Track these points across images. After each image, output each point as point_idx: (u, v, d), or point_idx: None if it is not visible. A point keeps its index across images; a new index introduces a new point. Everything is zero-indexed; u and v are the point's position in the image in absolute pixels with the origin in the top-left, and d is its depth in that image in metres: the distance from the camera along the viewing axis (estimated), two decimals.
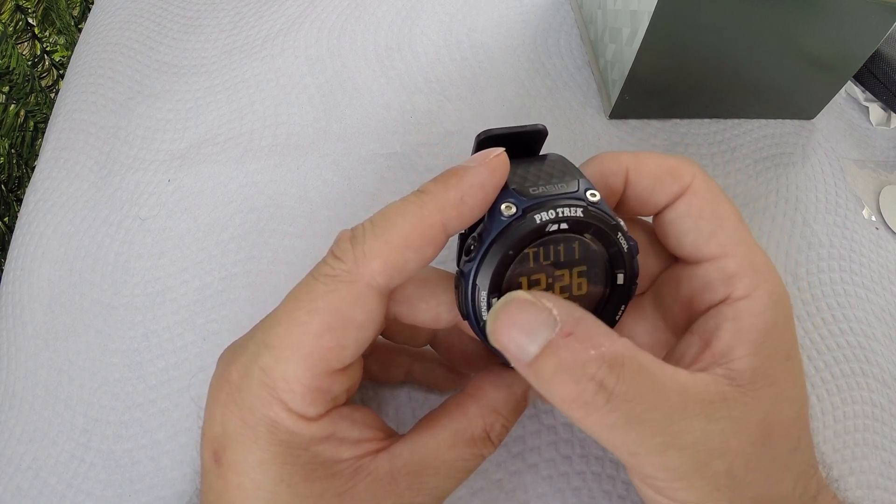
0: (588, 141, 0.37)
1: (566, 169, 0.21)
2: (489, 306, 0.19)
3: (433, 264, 0.22)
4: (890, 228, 0.37)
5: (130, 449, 0.29)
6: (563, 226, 0.19)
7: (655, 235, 0.23)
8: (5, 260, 0.36)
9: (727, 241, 0.21)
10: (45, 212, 0.36)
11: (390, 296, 0.21)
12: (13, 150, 0.51)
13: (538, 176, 0.21)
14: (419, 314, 0.21)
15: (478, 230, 0.20)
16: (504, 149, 0.20)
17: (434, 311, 0.21)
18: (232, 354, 0.21)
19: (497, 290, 0.20)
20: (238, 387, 0.19)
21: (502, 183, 0.20)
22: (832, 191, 0.37)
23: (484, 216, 0.20)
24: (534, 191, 0.20)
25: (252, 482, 0.19)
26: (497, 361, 0.22)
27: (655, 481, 0.19)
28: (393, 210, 0.19)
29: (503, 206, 0.20)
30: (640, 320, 0.24)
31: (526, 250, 0.20)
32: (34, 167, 0.39)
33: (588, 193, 0.20)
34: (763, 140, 0.38)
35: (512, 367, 0.21)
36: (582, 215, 0.20)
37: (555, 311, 0.18)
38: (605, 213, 0.20)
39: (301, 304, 0.19)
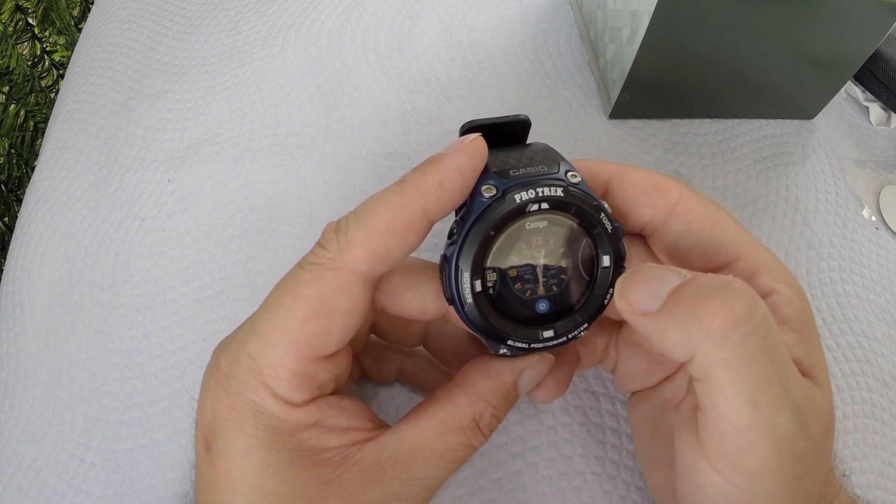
0: (588, 141, 0.37)
1: (548, 154, 0.22)
2: (472, 289, 0.20)
3: (424, 257, 0.21)
4: (890, 228, 0.37)
5: (130, 449, 0.29)
6: (544, 205, 0.20)
7: (651, 251, 0.23)
8: (5, 260, 0.36)
9: (733, 246, 0.21)
10: (45, 212, 0.36)
11: (377, 287, 0.21)
12: (13, 150, 0.51)
13: (520, 160, 0.21)
14: (405, 304, 0.22)
15: (460, 214, 0.21)
16: (479, 134, 0.20)
17: (420, 300, 0.21)
18: (223, 344, 0.21)
19: (480, 271, 0.20)
20: (227, 373, 0.20)
21: (481, 166, 0.20)
22: (832, 191, 0.37)
23: (466, 201, 0.20)
24: (514, 173, 0.20)
25: (239, 469, 0.19)
26: (487, 352, 0.22)
27: (744, 454, 0.18)
28: (374, 199, 0.20)
29: (483, 189, 0.20)
30: None
31: (508, 233, 0.20)
32: (34, 167, 0.39)
33: (569, 175, 0.20)
34: (763, 140, 0.38)
35: (500, 356, 0.21)
36: (562, 195, 0.20)
37: (683, 270, 0.19)
38: (587, 193, 0.20)
39: (287, 292, 0.20)
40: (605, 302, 0.21)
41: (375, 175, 0.35)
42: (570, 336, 0.21)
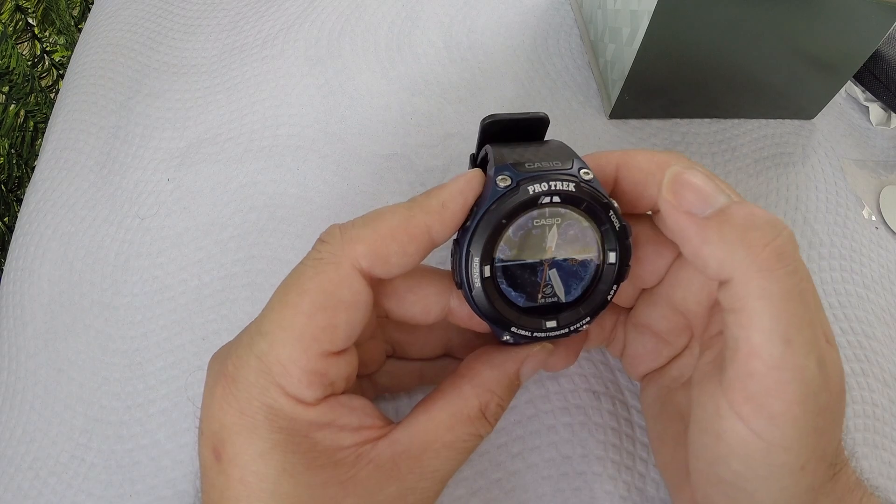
0: (588, 141, 0.37)
1: (564, 151, 0.22)
2: (480, 274, 0.20)
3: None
4: (890, 228, 0.37)
5: (130, 449, 0.29)
6: (556, 199, 0.20)
7: (659, 230, 0.24)
8: (5, 260, 0.36)
9: None
10: (45, 212, 0.36)
11: (381, 291, 0.22)
12: (13, 150, 0.51)
13: (536, 155, 0.22)
14: (409, 306, 0.22)
15: (475, 203, 0.21)
16: (479, 170, 0.21)
17: (422, 302, 0.22)
18: (226, 350, 0.21)
19: (489, 258, 0.20)
20: (234, 378, 0.20)
21: (478, 191, 0.21)
22: (832, 191, 0.37)
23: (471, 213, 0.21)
24: (529, 166, 0.21)
25: (254, 475, 0.19)
26: (492, 339, 0.23)
27: (771, 394, 0.18)
28: (383, 208, 0.21)
29: (498, 179, 0.20)
30: (654, 308, 0.24)
31: (519, 224, 0.20)
32: (34, 167, 0.39)
33: (581, 172, 0.21)
34: (763, 140, 0.38)
35: (505, 343, 0.22)
36: (574, 189, 0.20)
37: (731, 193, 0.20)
38: (598, 191, 0.21)
39: (291, 288, 0.20)
40: (609, 298, 0.22)
41: (375, 176, 0.35)
42: (571, 328, 0.22)
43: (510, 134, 0.22)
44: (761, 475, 0.19)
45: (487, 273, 0.20)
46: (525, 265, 0.21)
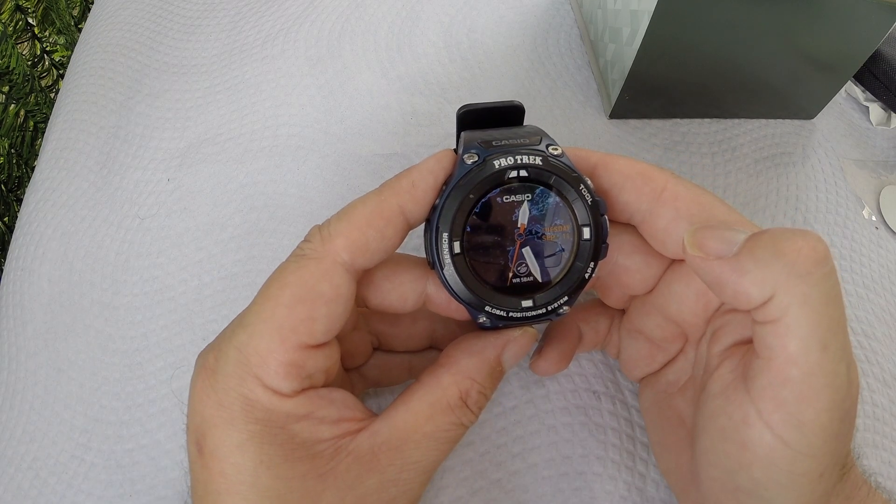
0: (588, 141, 0.37)
1: (534, 131, 0.22)
2: (451, 250, 0.20)
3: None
4: (890, 228, 0.37)
5: (130, 449, 0.29)
6: (523, 173, 0.20)
7: (644, 239, 0.24)
8: (5, 260, 0.36)
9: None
10: (45, 212, 0.36)
11: (360, 282, 0.22)
12: (13, 150, 0.51)
13: (505, 135, 0.22)
14: (385, 294, 0.22)
15: (445, 182, 0.21)
16: (449, 150, 0.22)
17: (398, 290, 0.22)
18: (211, 344, 0.21)
19: (459, 233, 0.20)
20: (213, 370, 0.20)
21: (449, 168, 0.21)
22: (832, 191, 0.37)
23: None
24: (496, 143, 0.21)
25: (232, 467, 0.19)
26: (474, 328, 0.23)
27: (803, 402, 0.18)
28: (355, 200, 0.21)
29: (465, 156, 0.21)
30: (648, 317, 0.24)
31: (491, 203, 0.20)
32: (34, 167, 0.39)
33: (549, 148, 0.21)
34: (763, 140, 0.38)
35: (483, 328, 0.22)
36: (541, 163, 0.20)
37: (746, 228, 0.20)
38: (567, 165, 0.21)
39: (273, 282, 0.20)
40: (587, 276, 0.21)
41: (375, 176, 0.35)
42: (549, 308, 0.21)
43: (486, 123, 0.22)
44: (782, 483, 0.18)
45: (458, 249, 0.20)
46: (497, 243, 0.21)
